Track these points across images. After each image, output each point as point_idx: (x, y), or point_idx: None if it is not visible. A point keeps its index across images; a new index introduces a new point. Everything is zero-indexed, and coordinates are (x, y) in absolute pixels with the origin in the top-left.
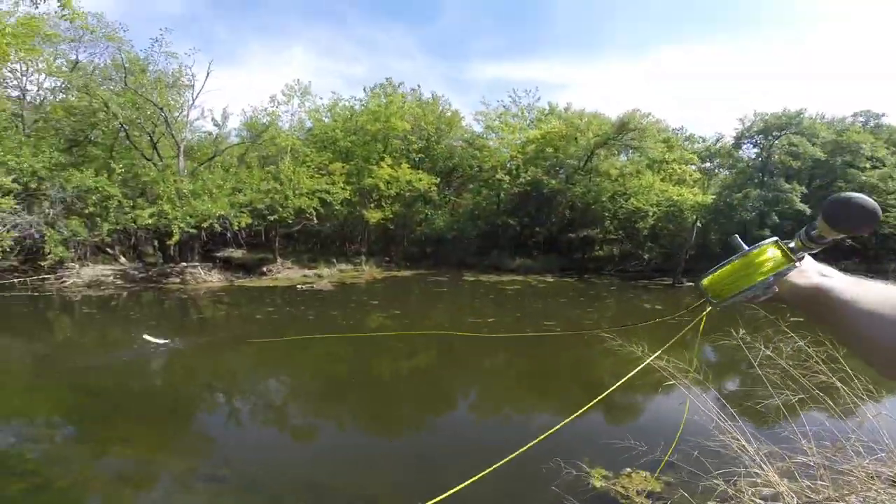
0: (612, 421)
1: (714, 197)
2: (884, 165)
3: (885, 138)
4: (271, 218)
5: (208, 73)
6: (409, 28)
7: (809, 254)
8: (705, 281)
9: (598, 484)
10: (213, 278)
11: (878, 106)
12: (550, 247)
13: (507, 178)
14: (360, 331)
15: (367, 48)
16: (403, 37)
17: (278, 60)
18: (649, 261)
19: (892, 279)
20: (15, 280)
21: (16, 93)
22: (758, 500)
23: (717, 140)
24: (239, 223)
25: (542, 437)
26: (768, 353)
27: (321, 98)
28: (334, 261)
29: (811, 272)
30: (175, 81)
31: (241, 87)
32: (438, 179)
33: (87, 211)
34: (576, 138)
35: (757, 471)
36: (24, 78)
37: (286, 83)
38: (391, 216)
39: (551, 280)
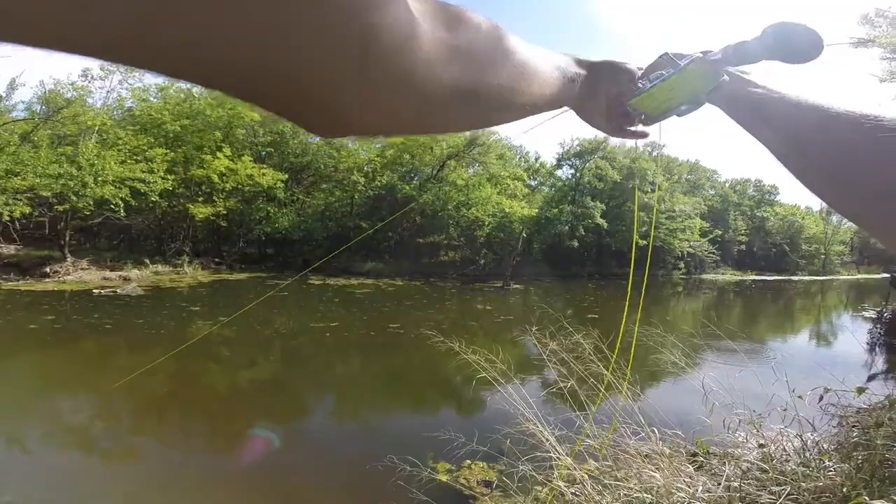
0: (449, 415)
1: (537, 210)
2: (660, 189)
3: (663, 166)
4: (61, 208)
5: None
6: None
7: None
8: (633, 101)
9: (443, 478)
10: None
11: (660, 137)
12: (401, 251)
13: (362, 180)
14: (172, 339)
15: None
16: None
17: None
18: (484, 266)
19: (663, 283)
20: None
21: None
22: (561, 484)
23: (537, 159)
24: (11, 212)
25: None
26: (553, 346)
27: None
28: (147, 261)
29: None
30: None
31: (58, 58)
32: (286, 176)
33: None
34: (432, 148)
35: (554, 455)
36: None
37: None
38: (224, 212)
39: (400, 283)
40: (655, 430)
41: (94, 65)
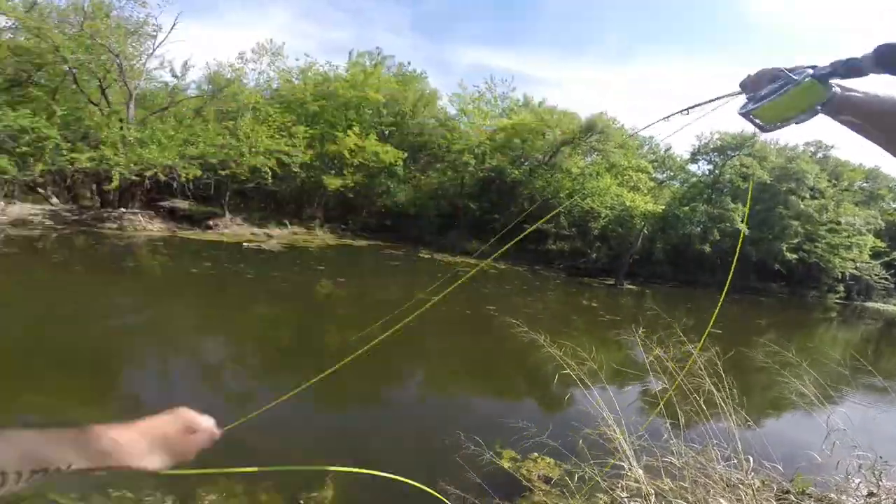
0: (526, 405)
1: (664, 207)
2: (823, 196)
3: (829, 170)
4: (223, 172)
5: (174, 24)
6: (399, 2)
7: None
8: (756, 111)
9: (506, 465)
10: (155, 227)
11: (829, 137)
12: (507, 235)
13: (473, 161)
14: (300, 292)
15: (353, 16)
16: (392, 8)
17: (257, 19)
18: (596, 260)
19: (813, 305)
20: None
21: None
22: (623, 495)
23: (667, 150)
24: (187, 175)
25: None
26: (659, 352)
27: (297, 59)
28: (287, 223)
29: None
30: (137, 30)
31: (215, 41)
32: (405, 155)
33: (18, 150)
34: (544, 133)
35: (625, 464)
36: None
37: (257, 41)
38: (352, 185)
39: (503, 267)
40: (751, 458)
41: (246, 48)
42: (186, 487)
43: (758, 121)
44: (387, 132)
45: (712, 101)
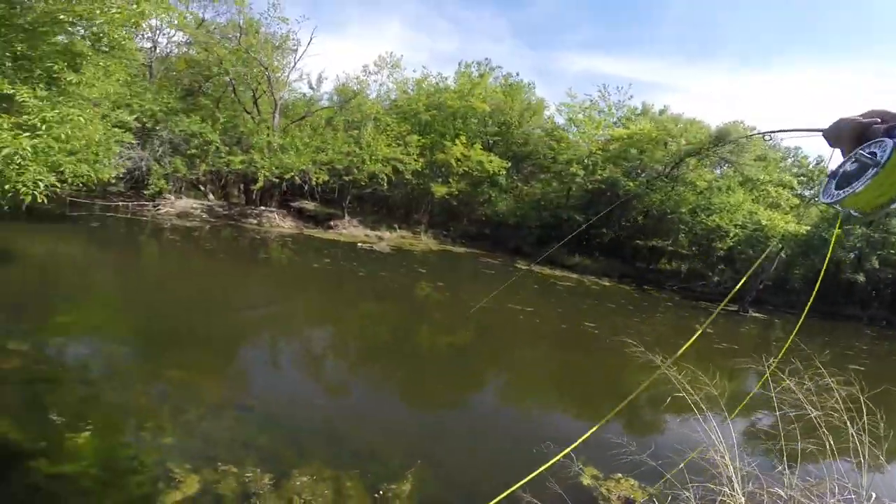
0: (617, 425)
1: (809, 228)
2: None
3: None
4: (346, 178)
5: (311, 40)
6: (500, 11)
7: None
8: (847, 200)
9: (586, 481)
10: (286, 224)
11: None
12: (614, 250)
13: (581, 172)
14: (402, 293)
15: (459, 27)
16: (494, 18)
17: (374, 31)
18: (718, 284)
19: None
20: (119, 203)
21: (149, 44)
22: None
23: (818, 163)
24: (317, 179)
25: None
26: (790, 383)
27: (414, 70)
28: (396, 226)
29: None
30: (281, 44)
31: (337, 53)
32: (509, 164)
33: (189, 152)
34: (666, 143)
35: (726, 488)
36: (158, 32)
37: (379, 55)
38: (456, 192)
39: (607, 284)
40: (874, 495)
41: (369, 60)
42: (283, 467)
43: (852, 211)
44: (491, 142)
45: (792, 130)
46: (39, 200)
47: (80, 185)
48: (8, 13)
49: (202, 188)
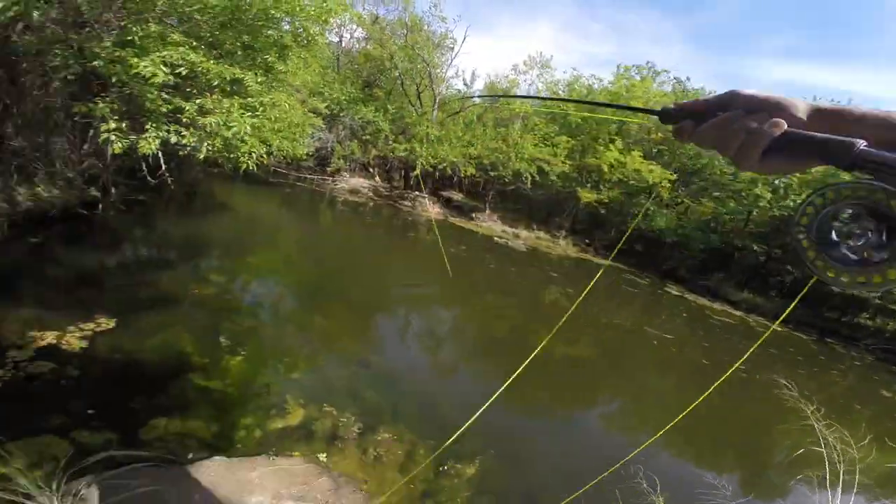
0: (725, 465)
1: None
2: None
3: None
4: (492, 173)
5: (464, 38)
6: (667, 14)
7: None
8: (879, 279)
9: None
10: (434, 211)
11: None
12: (796, 292)
13: (768, 195)
14: (528, 293)
15: (616, 30)
16: (659, 22)
17: (522, 32)
18: None
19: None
20: (307, 176)
21: (336, 39)
22: None
23: None
24: (465, 171)
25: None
26: None
27: (564, 72)
28: (535, 226)
29: None
30: (440, 42)
31: (487, 52)
32: (675, 176)
33: (364, 137)
34: None
35: None
36: (342, 28)
37: (529, 54)
38: (606, 200)
39: (778, 329)
40: None
41: (518, 60)
42: (373, 422)
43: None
44: (655, 150)
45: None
46: (252, 168)
47: (282, 158)
48: (238, 10)
49: (370, 170)
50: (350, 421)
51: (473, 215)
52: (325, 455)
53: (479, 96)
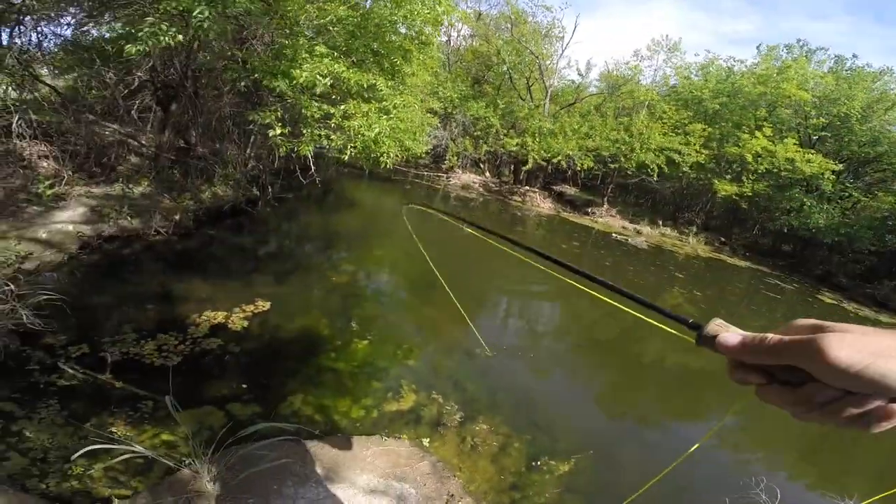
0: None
1: None
2: None
3: None
4: (612, 165)
5: (575, 27)
6: None
7: None
8: None
9: None
10: (545, 206)
11: None
12: None
13: None
14: (641, 293)
15: (756, 4)
16: None
17: (640, 12)
18: None
19: None
20: (424, 173)
21: (444, 38)
22: None
23: None
24: (582, 164)
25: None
26: None
27: (696, 54)
28: (660, 222)
29: None
30: (547, 32)
31: (600, 36)
32: (841, 167)
33: (475, 134)
34: None
35: None
36: (450, 27)
37: (653, 38)
38: (749, 194)
39: None
40: None
41: (640, 46)
42: (473, 412)
43: None
44: (815, 137)
45: None
46: (390, 166)
47: (403, 157)
48: (364, 18)
49: (481, 166)
50: (453, 409)
51: (589, 210)
52: (428, 440)
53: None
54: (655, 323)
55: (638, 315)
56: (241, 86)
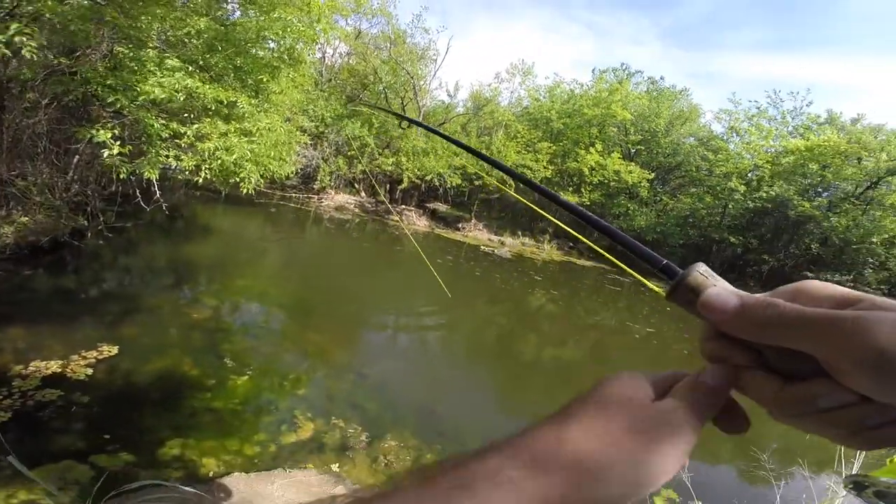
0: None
1: None
2: None
3: None
4: (476, 182)
5: (447, 49)
6: (641, 13)
7: None
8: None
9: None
10: (420, 223)
11: None
12: (775, 281)
13: (742, 188)
14: (515, 298)
15: (594, 30)
16: (634, 21)
17: (503, 37)
18: None
19: None
20: (292, 195)
21: (319, 55)
22: None
23: None
24: (451, 181)
25: None
26: None
27: (547, 77)
28: (520, 233)
29: None
30: (423, 54)
31: (468, 58)
32: (652, 175)
33: (349, 153)
34: (859, 158)
35: None
36: (325, 44)
37: (511, 62)
38: (588, 203)
39: None
40: None
41: (502, 68)
42: (379, 430)
43: None
44: (633, 150)
45: None
46: (251, 191)
47: (267, 178)
48: (226, 33)
49: (356, 186)
50: (357, 431)
51: (459, 226)
52: (337, 465)
53: (406, 119)
54: (622, 265)
55: (602, 252)
56: (68, 99)
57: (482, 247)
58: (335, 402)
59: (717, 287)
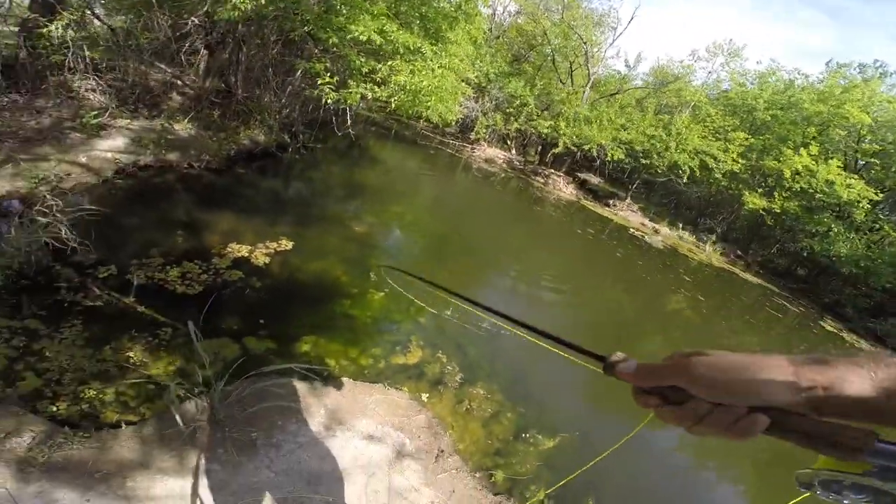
0: None
1: None
2: None
3: None
4: (643, 161)
5: (632, 18)
6: None
7: None
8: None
9: None
10: (567, 191)
11: None
12: None
13: None
14: (652, 292)
15: (835, 17)
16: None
17: (708, 12)
18: None
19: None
20: (450, 141)
21: (489, 11)
22: None
23: None
24: (612, 155)
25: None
26: None
27: (759, 62)
28: (680, 225)
29: None
30: (600, 20)
31: (658, 30)
32: (880, 197)
33: (507, 110)
34: None
35: None
36: (496, 1)
37: (713, 41)
38: (777, 210)
39: None
40: None
41: (701, 46)
42: (473, 377)
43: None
44: (862, 162)
45: None
46: (436, 120)
47: (431, 122)
48: None
49: (508, 142)
50: (454, 370)
51: (610, 202)
52: (427, 395)
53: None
54: (567, 356)
55: (553, 349)
56: (294, 35)
57: (631, 229)
58: (447, 339)
59: (626, 363)
